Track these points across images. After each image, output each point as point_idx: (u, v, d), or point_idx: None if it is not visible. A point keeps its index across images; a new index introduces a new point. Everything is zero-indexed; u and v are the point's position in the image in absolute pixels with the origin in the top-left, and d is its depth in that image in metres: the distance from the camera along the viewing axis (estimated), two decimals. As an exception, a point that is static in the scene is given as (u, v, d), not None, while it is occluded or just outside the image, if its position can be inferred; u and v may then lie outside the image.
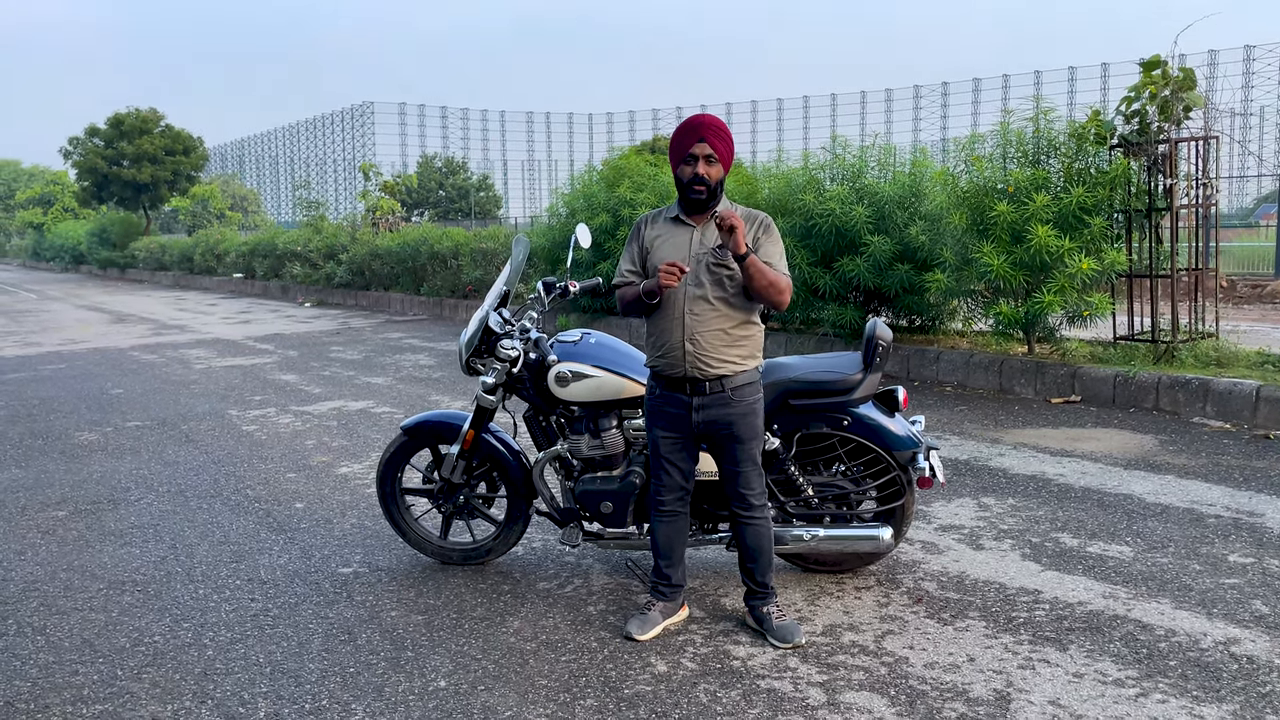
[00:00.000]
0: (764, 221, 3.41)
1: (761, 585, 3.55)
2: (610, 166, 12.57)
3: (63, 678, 3.35)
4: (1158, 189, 7.61)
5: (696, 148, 3.33)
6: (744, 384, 3.40)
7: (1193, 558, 4.18)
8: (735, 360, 3.38)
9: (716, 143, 3.34)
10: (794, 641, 3.40)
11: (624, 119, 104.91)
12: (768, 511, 3.56)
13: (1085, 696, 3.05)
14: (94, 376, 10.19)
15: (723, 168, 3.36)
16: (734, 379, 3.38)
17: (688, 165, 3.34)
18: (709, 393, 3.37)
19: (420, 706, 3.10)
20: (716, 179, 3.35)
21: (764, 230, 3.39)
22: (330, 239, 20.45)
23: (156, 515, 5.17)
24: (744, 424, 3.41)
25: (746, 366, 3.42)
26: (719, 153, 3.34)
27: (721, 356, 3.36)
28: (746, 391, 3.41)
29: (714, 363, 3.35)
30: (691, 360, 3.35)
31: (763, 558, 3.54)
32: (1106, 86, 74.45)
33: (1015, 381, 7.88)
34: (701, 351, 3.35)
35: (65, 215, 47.48)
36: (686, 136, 3.36)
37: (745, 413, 3.41)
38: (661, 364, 3.44)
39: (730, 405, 3.38)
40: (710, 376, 3.36)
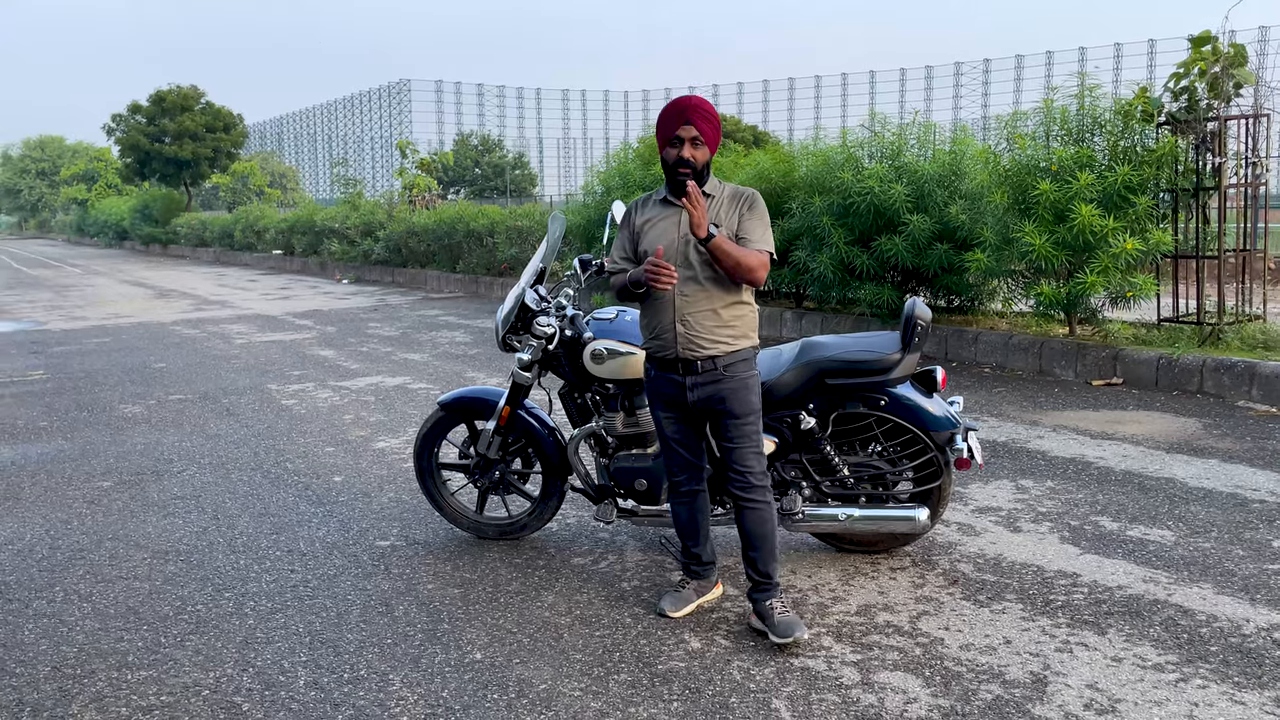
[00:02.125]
0: (748, 198, 3.39)
1: (764, 576, 3.43)
2: (646, 144, 12.51)
3: (108, 644, 3.43)
4: (1206, 168, 7.44)
5: (682, 130, 3.32)
6: (736, 360, 3.37)
7: (1236, 543, 4.12)
8: (726, 340, 3.35)
9: (703, 125, 3.32)
10: (795, 636, 3.27)
11: (659, 96, 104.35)
12: (769, 495, 3.45)
13: (1124, 681, 3.02)
14: (137, 350, 10.36)
15: (709, 149, 3.36)
16: (725, 358, 3.35)
17: (673, 148, 3.33)
18: (700, 371, 3.35)
19: (456, 678, 3.13)
20: (703, 161, 3.34)
21: (749, 207, 3.37)
22: (367, 216, 20.61)
23: (199, 487, 5.26)
24: (736, 398, 3.36)
25: (738, 345, 3.38)
26: (705, 135, 3.33)
27: (713, 337, 3.34)
28: (740, 368, 3.38)
29: (705, 343, 3.34)
30: (683, 342, 3.34)
31: (764, 546, 3.42)
32: (1153, 63, 72.84)
33: (1055, 363, 7.78)
34: (692, 333, 3.33)
35: (109, 191, 48.23)
36: (672, 119, 3.35)
37: (737, 388, 3.36)
38: (655, 345, 3.44)
39: (722, 381, 3.35)
40: (702, 357, 3.34)
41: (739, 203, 3.38)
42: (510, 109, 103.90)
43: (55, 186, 65.61)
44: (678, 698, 2.98)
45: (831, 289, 9.23)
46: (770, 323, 10.47)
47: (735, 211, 3.36)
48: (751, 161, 10.73)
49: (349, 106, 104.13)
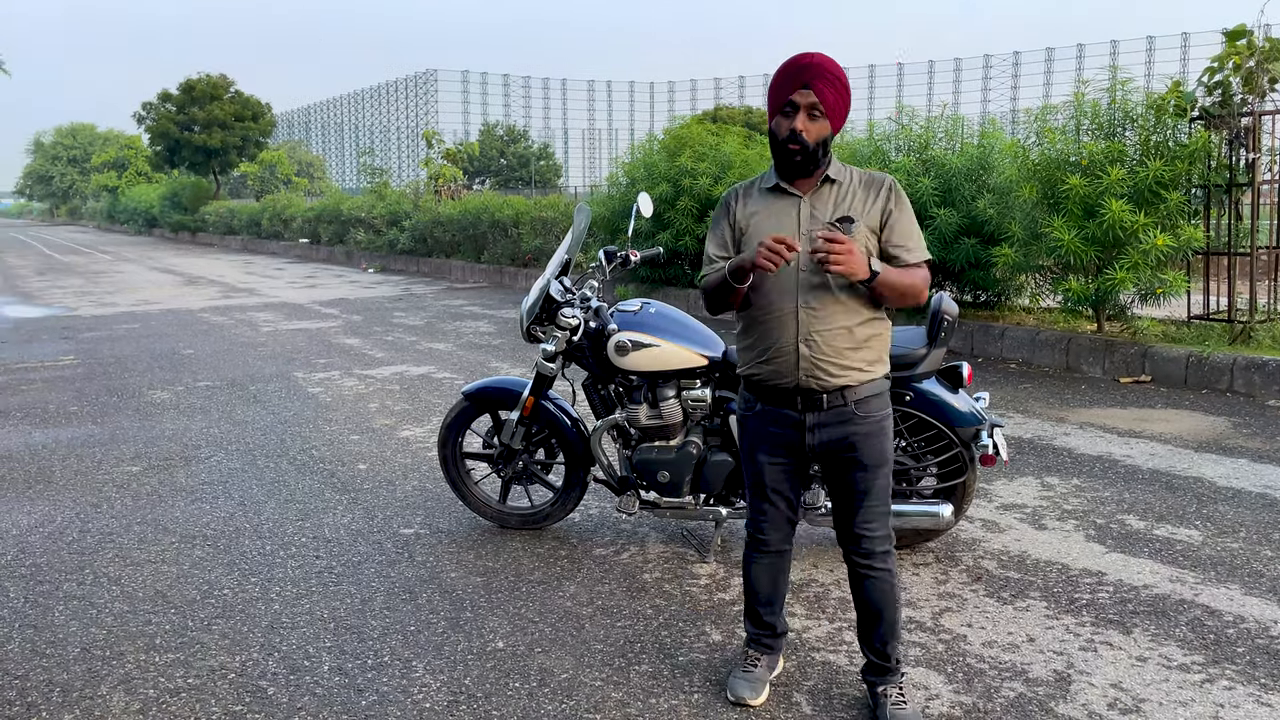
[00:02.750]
0: (889, 188, 2.71)
1: (881, 656, 2.82)
2: (671, 136, 12.49)
3: (136, 626, 3.48)
4: (1239, 163, 7.34)
5: (799, 95, 2.60)
6: (870, 395, 2.70)
7: (1264, 543, 4.07)
8: (860, 366, 2.67)
9: (826, 90, 2.61)
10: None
11: (685, 88, 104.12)
12: (893, 562, 2.81)
13: (1148, 680, 2.99)
14: (166, 337, 10.47)
15: (831, 124, 2.65)
16: (858, 390, 2.68)
17: (785, 117, 2.64)
18: (827, 407, 2.68)
19: (479, 666, 3.16)
20: (818, 137, 2.62)
21: (895, 200, 2.70)
22: (393, 206, 20.72)
23: (226, 473, 5.32)
24: (870, 445, 2.70)
25: (874, 374, 2.71)
26: (827, 103, 2.61)
27: (844, 361, 2.65)
28: (875, 404, 2.71)
29: (835, 370, 2.65)
30: (807, 367, 2.65)
31: (885, 621, 2.80)
32: (1186, 57, 71.90)
33: (1083, 360, 7.71)
34: (820, 356, 2.64)
35: (139, 179, 48.76)
36: (787, 81, 2.63)
37: (872, 431, 2.70)
38: (764, 372, 2.73)
39: (854, 422, 2.69)
40: (830, 388, 2.66)
41: (878, 194, 2.71)
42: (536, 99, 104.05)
43: (86, 174, 66.36)
44: (699, 690, 2.99)
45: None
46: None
47: (875, 205, 2.69)
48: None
49: (375, 96, 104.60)
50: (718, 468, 3.90)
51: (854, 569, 2.83)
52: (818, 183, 2.71)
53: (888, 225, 2.69)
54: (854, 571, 2.84)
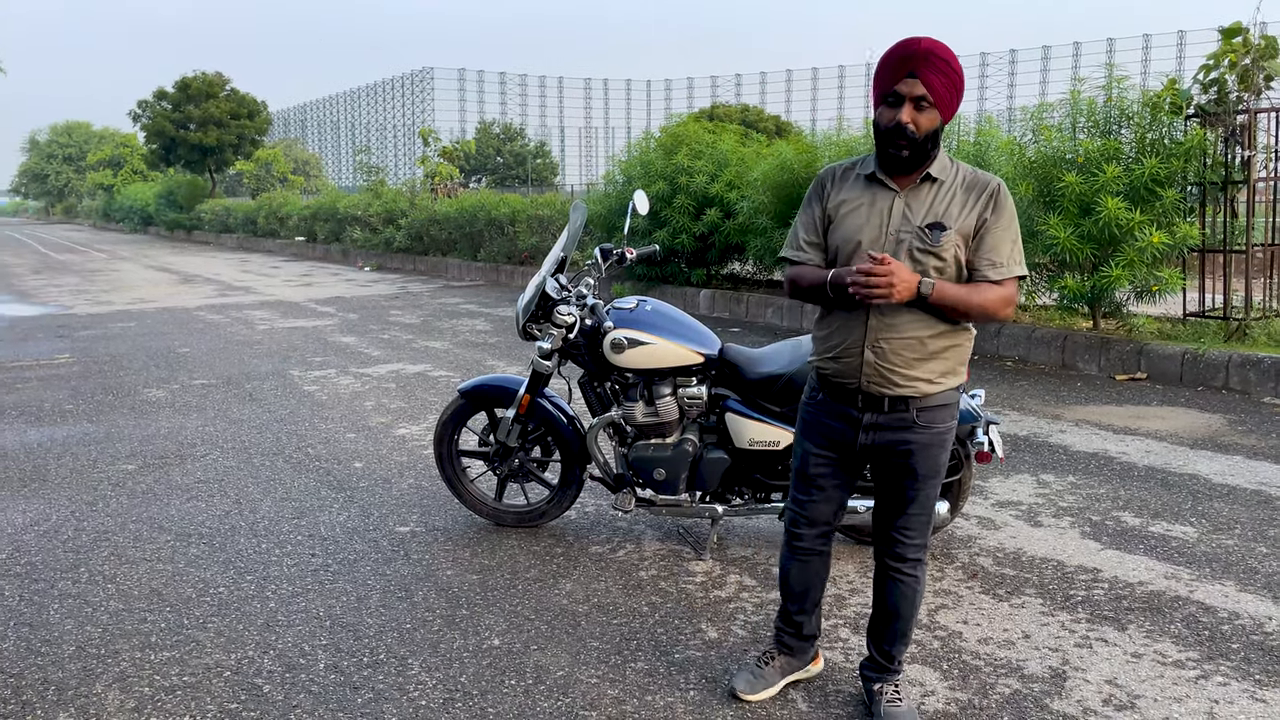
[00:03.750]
0: (993, 192, 2.55)
1: (885, 656, 2.84)
2: (668, 134, 12.49)
3: (132, 625, 3.47)
4: (1234, 161, 7.36)
5: (904, 85, 2.46)
6: (936, 406, 2.62)
7: (1259, 540, 4.08)
8: (928, 377, 2.58)
9: (934, 79, 2.46)
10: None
11: (682, 85, 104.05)
12: (924, 571, 2.78)
13: (1143, 677, 3.00)
14: (162, 335, 10.46)
15: (941, 114, 2.50)
16: (922, 400, 2.60)
17: (889, 108, 2.50)
18: (888, 410, 2.61)
19: (475, 664, 3.15)
20: (927, 129, 2.48)
21: (994, 208, 2.54)
22: (390, 204, 20.69)
23: (221, 471, 5.31)
24: (925, 455, 2.64)
25: (943, 385, 2.61)
26: (936, 93, 2.46)
27: (911, 372, 2.57)
28: (938, 415, 2.62)
29: (899, 379, 2.57)
30: (871, 373, 2.58)
31: (900, 624, 2.79)
32: (1182, 55, 71.96)
33: (1079, 357, 7.72)
34: (885, 364, 2.56)
35: (134, 177, 48.66)
36: (892, 69, 2.49)
37: (930, 442, 2.63)
38: (831, 368, 2.68)
39: (913, 430, 2.61)
40: (891, 395, 2.60)
41: (980, 197, 2.55)
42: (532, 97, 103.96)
43: (82, 172, 66.19)
44: (694, 687, 2.99)
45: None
46: (790, 313, 10.44)
47: (973, 209, 2.54)
48: (774, 151, 10.67)
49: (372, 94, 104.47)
50: (713, 465, 3.90)
51: (883, 570, 2.80)
52: (917, 180, 2.58)
53: (980, 235, 2.54)
54: (882, 572, 2.81)
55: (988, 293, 2.52)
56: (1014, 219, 2.57)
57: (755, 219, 10.15)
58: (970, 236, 2.54)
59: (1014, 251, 2.56)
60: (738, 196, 10.60)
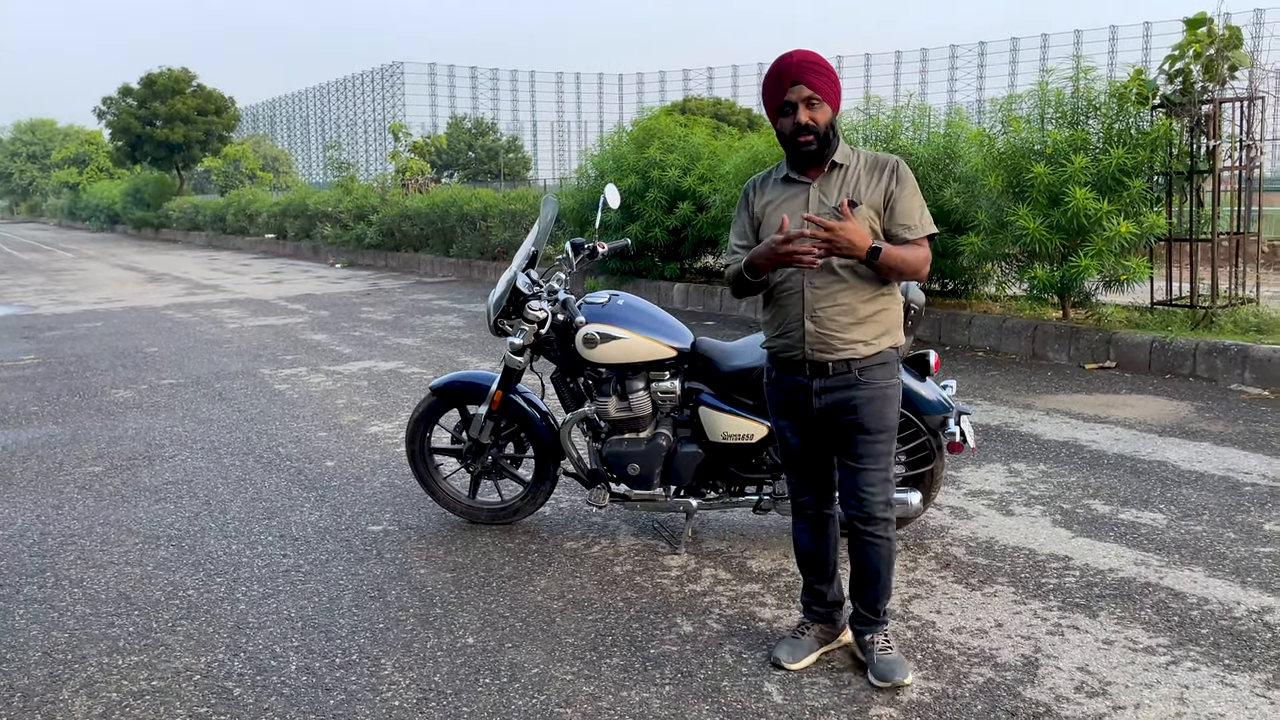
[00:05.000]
0: (894, 168, 2.87)
1: (870, 609, 3.03)
2: (640, 127, 12.47)
3: (99, 629, 3.42)
4: (1200, 151, 7.43)
5: (791, 93, 2.79)
6: (874, 365, 2.87)
7: (1227, 526, 4.13)
8: (864, 339, 2.85)
9: (815, 80, 2.79)
10: (895, 680, 2.89)
11: (654, 79, 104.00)
12: (892, 529, 2.97)
13: (1115, 664, 3.02)
14: (129, 334, 10.32)
15: (830, 108, 2.82)
16: (862, 360, 2.86)
17: (785, 116, 2.82)
18: (832, 374, 2.87)
19: (449, 662, 3.13)
20: (825, 122, 2.80)
21: (896, 181, 2.85)
22: (360, 200, 20.53)
23: (190, 472, 5.24)
24: (870, 410, 2.87)
25: (878, 346, 2.87)
26: (820, 90, 2.79)
27: (848, 336, 2.84)
28: (878, 373, 2.88)
29: (838, 343, 2.84)
30: (813, 340, 2.85)
31: (879, 582, 2.98)
32: (1149, 46, 72.74)
33: (1049, 347, 7.78)
34: (824, 332, 2.84)
35: (100, 175, 48.00)
36: (777, 84, 2.82)
37: (873, 397, 2.86)
38: (779, 345, 2.96)
39: (857, 388, 2.86)
40: (834, 359, 2.86)
41: (883, 174, 2.86)
42: (504, 92, 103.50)
43: (46, 170, 65.16)
44: (670, 681, 2.98)
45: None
46: (760, 307, 10.45)
47: (879, 185, 2.85)
48: (746, 144, 10.69)
49: (341, 89, 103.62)
50: (688, 459, 3.89)
51: (855, 535, 2.97)
52: (825, 169, 2.89)
53: (890, 206, 2.85)
54: (855, 538, 2.98)
55: (917, 250, 2.85)
56: (917, 188, 2.89)
57: (728, 212, 10.15)
58: (880, 209, 2.85)
59: (923, 215, 2.88)
60: (710, 190, 10.60)
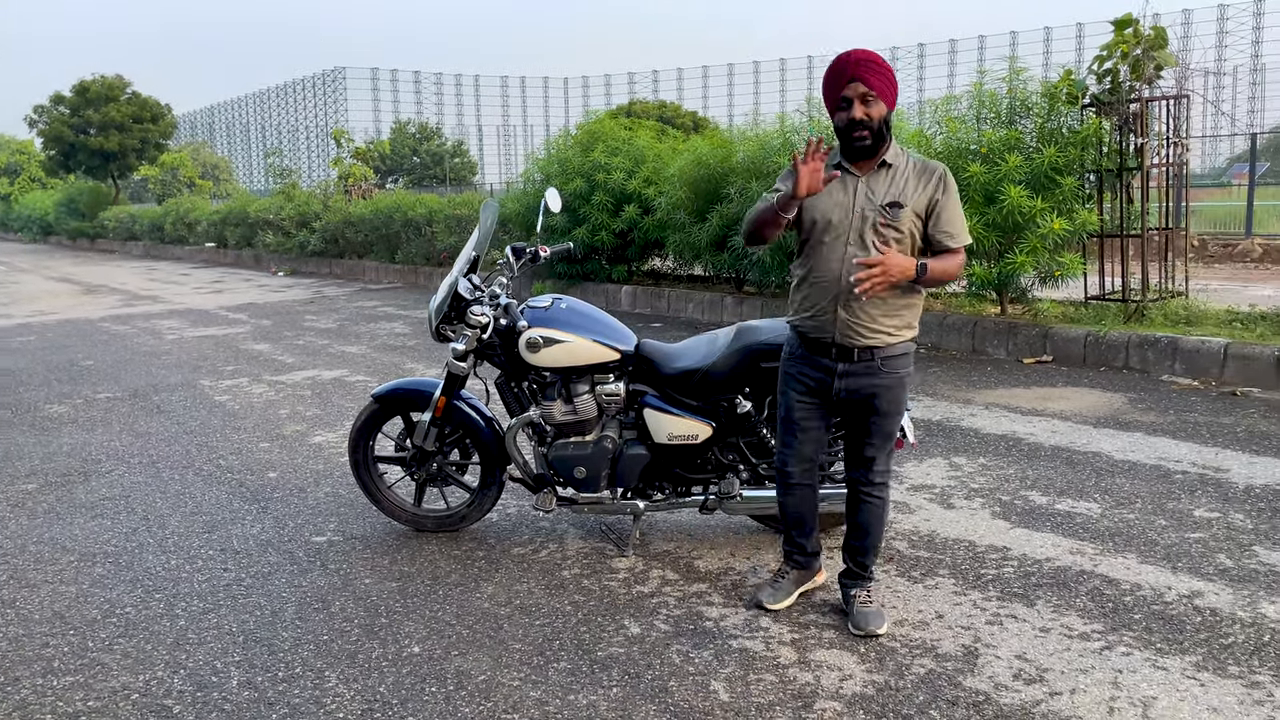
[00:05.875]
0: (941, 176, 3.06)
1: (860, 566, 3.36)
2: (585, 131, 12.47)
3: (33, 650, 3.34)
4: (1129, 148, 7.63)
5: (849, 89, 3.00)
6: (897, 354, 3.14)
7: (1159, 513, 4.24)
8: (890, 331, 3.10)
9: (872, 78, 2.99)
10: (870, 629, 3.21)
11: (600, 83, 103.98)
12: (888, 493, 3.34)
13: (1051, 650, 3.10)
14: (64, 348, 10.06)
15: (885, 104, 3.01)
16: (885, 350, 3.11)
17: (843, 110, 3.02)
18: (857, 360, 3.12)
19: (394, 672, 3.11)
20: (880, 118, 3.00)
21: (943, 190, 3.06)
22: (303, 207, 20.22)
23: (128, 487, 5.13)
24: (888, 396, 3.16)
25: (902, 337, 3.14)
26: (876, 88, 2.99)
27: (876, 326, 3.08)
28: (899, 363, 3.15)
29: (867, 333, 3.09)
30: (843, 327, 3.08)
31: (870, 538, 3.33)
32: (1081, 46, 74.42)
33: (988, 342, 7.93)
34: (855, 320, 3.07)
35: (32, 185, 46.71)
36: (836, 80, 3.03)
37: (892, 384, 3.15)
38: (808, 325, 3.18)
39: (878, 375, 3.13)
40: (861, 345, 3.11)
41: (930, 180, 3.06)
42: (449, 96, 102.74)
43: (-25, 181, 63.26)
44: (617, 683, 2.99)
45: (771, 273, 9.29)
46: (711, 308, 10.52)
47: (925, 191, 3.05)
48: (690, 147, 10.74)
49: (282, 95, 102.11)
50: (633, 461, 3.90)
51: (854, 494, 3.34)
52: (875, 166, 3.08)
53: (934, 213, 3.06)
54: (854, 497, 3.34)
55: (955, 259, 3.09)
56: (958, 197, 3.11)
57: (673, 214, 10.20)
58: (923, 214, 3.06)
59: (964, 226, 3.11)
60: (656, 193, 10.63)
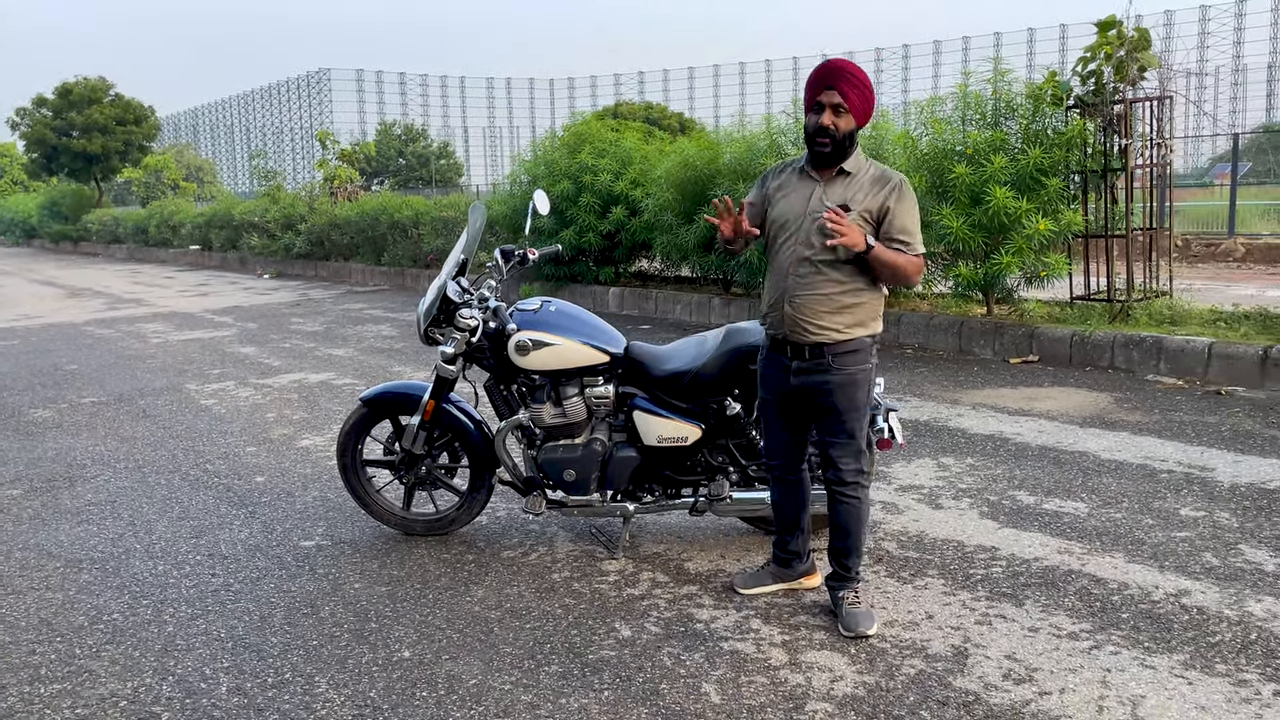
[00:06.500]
0: (897, 186, 3.14)
1: (843, 567, 3.37)
2: (571, 132, 12.46)
3: (19, 657, 3.31)
4: (1113, 149, 7.68)
5: (825, 95, 3.09)
6: (846, 352, 3.18)
7: (1145, 512, 4.27)
8: (837, 328, 3.16)
9: (849, 90, 3.08)
10: (859, 630, 3.22)
11: (585, 84, 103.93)
12: (862, 491, 3.32)
13: (1040, 650, 3.11)
14: (48, 352, 9.99)
15: (855, 119, 3.11)
16: (835, 347, 3.17)
17: (814, 114, 3.12)
18: (808, 357, 3.20)
19: (385, 677, 3.10)
20: (845, 131, 3.11)
21: (897, 197, 3.13)
22: (288, 209, 20.13)
23: (114, 492, 5.10)
24: (842, 394, 3.20)
25: (852, 335, 3.17)
26: (850, 102, 3.09)
27: (821, 323, 3.16)
28: (850, 360, 3.19)
29: (812, 329, 3.17)
30: (790, 323, 3.20)
31: (851, 539, 3.34)
32: (1065, 48, 74.78)
33: (975, 342, 7.96)
34: (800, 316, 3.17)
35: (15, 188, 46.42)
36: (816, 84, 3.13)
37: (844, 382, 3.19)
38: (768, 322, 3.33)
39: (829, 372, 3.19)
40: (808, 342, 3.19)
41: (885, 187, 3.14)
42: (434, 98, 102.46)
43: (-44, 184, 62.72)
44: (608, 687, 2.99)
45: (758, 275, 9.30)
46: (699, 309, 10.52)
47: (878, 196, 3.13)
48: (677, 148, 10.75)
49: (266, 97, 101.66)
50: (623, 464, 3.91)
51: (830, 494, 3.36)
52: (834, 173, 3.20)
53: (887, 219, 3.13)
54: (829, 496, 3.36)
55: (902, 255, 3.13)
56: (915, 208, 3.18)
57: (660, 216, 10.20)
58: (874, 218, 3.13)
59: (918, 233, 3.18)
60: (643, 194, 10.64)
